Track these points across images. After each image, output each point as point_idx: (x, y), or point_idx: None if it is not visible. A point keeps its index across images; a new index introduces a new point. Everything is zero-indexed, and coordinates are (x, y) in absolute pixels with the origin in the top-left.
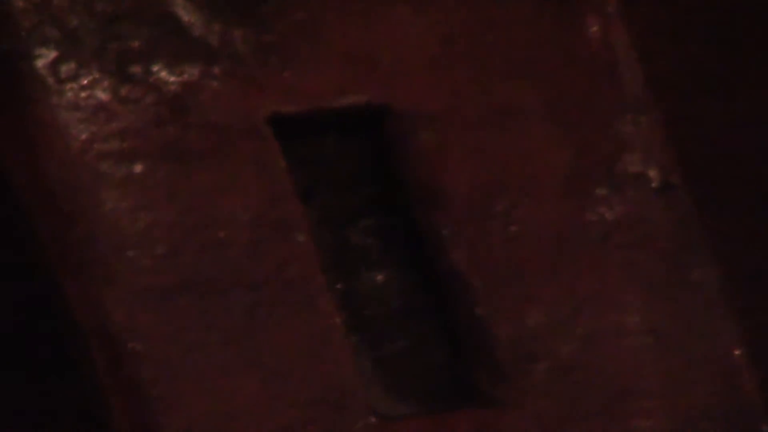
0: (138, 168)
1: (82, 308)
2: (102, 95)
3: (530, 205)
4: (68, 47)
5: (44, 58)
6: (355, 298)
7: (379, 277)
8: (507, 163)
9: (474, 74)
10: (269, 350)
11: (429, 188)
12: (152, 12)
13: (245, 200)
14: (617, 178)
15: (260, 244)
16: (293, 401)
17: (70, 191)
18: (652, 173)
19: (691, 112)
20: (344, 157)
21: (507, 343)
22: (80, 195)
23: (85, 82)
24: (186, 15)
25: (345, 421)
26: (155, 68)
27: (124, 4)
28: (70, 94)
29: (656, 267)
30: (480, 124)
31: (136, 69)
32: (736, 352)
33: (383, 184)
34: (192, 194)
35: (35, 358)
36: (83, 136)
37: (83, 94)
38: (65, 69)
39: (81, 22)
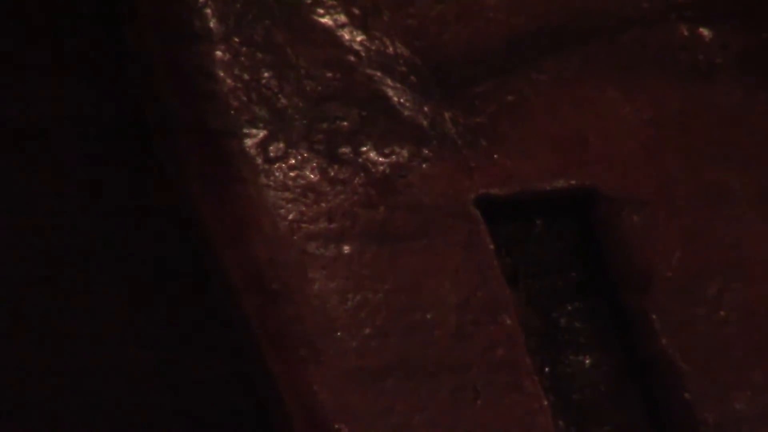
0: (346, 249)
1: (287, 388)
2: (310, 175)
3: (739, 290)
4: (277, 127)
5: (253, 137)
6: (562, 382)
7: (587, 361)
8: (715, 247)
9: (683, 158)
10: None
11: (636, 272)
12: (362, 92)
13: (453, 282)
14: None
15: (467, 326)
16: None
17: (277, 271)
18: None
19: None
20: (551, 239)
21: (713, 428)
22: (288, 275)
23: (294, 162)
24: (395, 96)
25: None
26: (364, 149)
27: (333, 84)
28: (278, 174)
29: None
30: (689, 207)
31: (344, 149)
32: None
33: (590, 267)
34: (399, 276)
35: None
36: (291, 216)
37: (292, 174)
38: (274, 149)
39: (290, 102)
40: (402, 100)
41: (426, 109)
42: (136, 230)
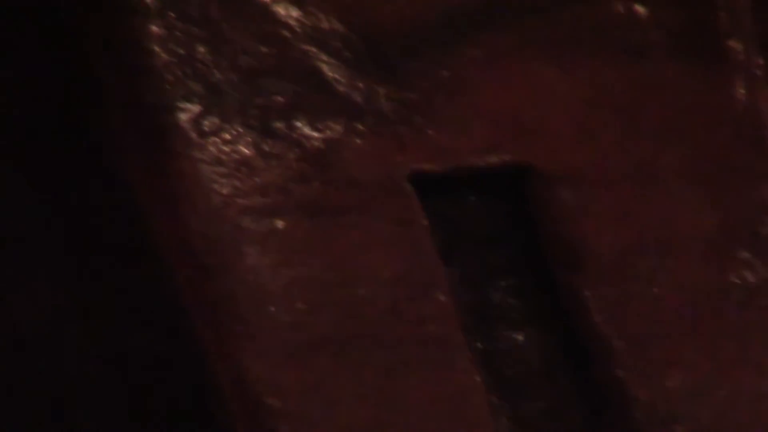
0: (280, 223)
1: (219, 362)
2: (245, 150)
3: (672, 268)
4: (211, 101)
5: (187, 112)
6: (495, 358)
7: (520, 337)
8: (648, 224)
9: (617, 135)
10: (407, 408)
11: (570, 249)
12: (296, 68)
13: (386, 258)
14: (760, 241)
15: (400, 302)
16: None
17: (210, 245)
18: None
19: None
20: (485, 216)
21: (646, 406)
22: (221, 249)
23: (228, 136)
24: (330, 71)
25: None
26: (298, 124)
27: (268, 59)
28: (212, 149)
29: None
30: (622, 185)
31: (279, 124)
32: None
33: (524, 243)
34: (333, 251)
35: (174, 411)
36: (225, 191)
37: (226, 149)
38: (208, 123)
39: (225, 77)
40: (336, 76)
41: (360, 84)
42: (65, 205)
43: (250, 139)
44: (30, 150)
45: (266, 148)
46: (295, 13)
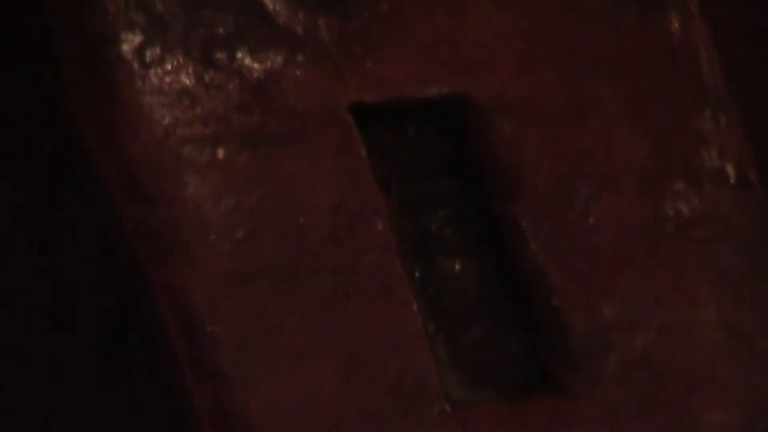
0: (220, 153)
1: (162, 291)
2: (186, 80)
3: (608, 199)
4: (154, 32)
5: (130, 42)
6: (433, 287)
7: (457, 267)
8: (586, 156)
9: (555, 68)
10: (346, 336)
11: (507, 179)
12: (237, 0)
13: (326, 187)
14: (694, 173)
15: (340, 231)
16: (370, 387)
17: (152, 174)
18: (730, 169)
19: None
20: (424, 146)
21: (582, 334)
22: (163, 178)
23: (170, 67)
24: (271, 3)
25: (421, 407)
26: (239, 55)
27: None
28: (154, 79)
29: (731, 261)
30: (559, 117)
31: (220, 55)
32: None
33: (463, 174)
34: (273, 180)
35: (113, 338)
36: (167, 121)
37: (168, 79)
38: (150, 54)
39: (167, 8)
40: (277, 8)
41: (301, 16)
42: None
43: (191, 70)
44: None
45: (207, 78)
46: None
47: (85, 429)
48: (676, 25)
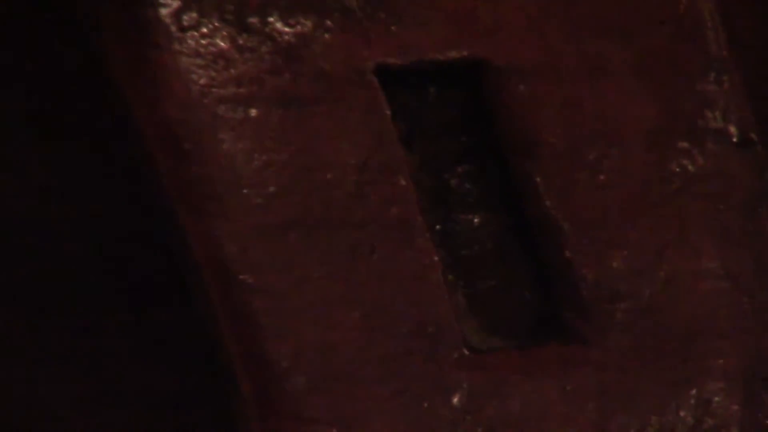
0: (253, 112)
1: (196, 241)
2: (221, 43)
3: (617, 157)
4: None
5: (168, 7)
6: (452, 239)
7: (475, 220)
8: (596, 116)
9: (567, 31)
10: (370, 285)
11: (522, 138)
12: None
13: (352, 145)
14: (699, 133)
15: (364, 186)
16: (392, 333)
17: (189, 132)
18: (732, 129)
19: None
20: (444, 107)
21: (592, 284)
22: (198, 135)
23: (205, 30)
24: None
25: (440, 352)
26: (271, 19)
27: None
28: (191, 42)
29: (733, 216)
30: (572, 78)
31: (253, 20)
32: None
33: (481, 132)
34: (302, 138)
35: (149, 288)
36: (202, 81)
37: (203, 42)
38: (187, 18)
39: None
40: None
41: None
42: (55, 90)
43: (226, 33)
44: (17, 39)
45: (241, 41)
46: None
47: (124, 372)
48: None
